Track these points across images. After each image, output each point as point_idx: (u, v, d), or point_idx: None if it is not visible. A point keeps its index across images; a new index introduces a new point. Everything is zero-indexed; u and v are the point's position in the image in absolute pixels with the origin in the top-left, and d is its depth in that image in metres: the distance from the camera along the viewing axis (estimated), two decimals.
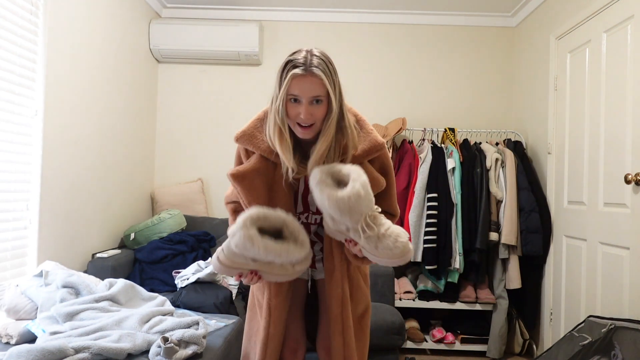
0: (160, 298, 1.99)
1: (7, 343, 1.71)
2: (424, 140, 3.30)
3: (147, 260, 2.71)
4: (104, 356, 1.50)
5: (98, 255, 2.60)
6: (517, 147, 3.15)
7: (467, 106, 3.60)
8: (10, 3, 2.00)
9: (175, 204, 3.38)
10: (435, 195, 2.97)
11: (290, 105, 1.24)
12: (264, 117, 1.35)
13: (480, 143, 3.21)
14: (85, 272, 2.40)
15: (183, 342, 1.62)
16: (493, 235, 2.93)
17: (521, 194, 2.96)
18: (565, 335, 2.10)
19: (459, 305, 3.04)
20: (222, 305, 2.40)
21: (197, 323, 1.74)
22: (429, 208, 2.97)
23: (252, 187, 1.30)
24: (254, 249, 1.13)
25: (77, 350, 1.47)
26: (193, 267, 2.58)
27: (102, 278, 2.13)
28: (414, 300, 3.06)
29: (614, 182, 2.29)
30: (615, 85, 2.31)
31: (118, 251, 2.73)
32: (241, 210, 1.44)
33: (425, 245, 2.94)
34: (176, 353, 1.55)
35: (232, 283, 2.62)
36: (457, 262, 2.93)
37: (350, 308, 1.37)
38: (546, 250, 2.93)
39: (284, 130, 1.25)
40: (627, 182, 2.12)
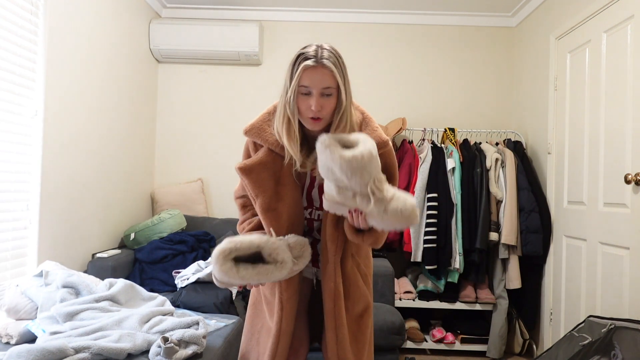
0: (160, 298, 1.99)
1: (7, 343, 1.71)
2: (424, 140, 3.31)
3: (147, 260, 2.71)
4: (104, 356, 1.50)
5: (98, 255, 2.60)
6: (517, 147, 3.15)
7: (467, 106, 3.60)
8: (10, 3, 2.00)
9: (175, 204, 3.38)
10: (435, 195, 2.98)
11: (301, 98, 1.25)
12: (273, 111, 1.36)
13: (480, 143, 3.21)
14: (85, 272, 2.40)
15: (183, 342, 1.62)
16: (493, 235, 2.94)
17: (521, 194, 2.96)
18: (565, 335, 2.10)
19: (459, 305, 3.04)
20: (222, 305, 2.40)
21: (197, 323, 1.74)
22: (429, 208, 2.97)
23: (259, 180, 1.31)
24: (233, 279, 1.18)
25: (77, 350, 1.47)
26: (193, 267, 2.58)
27: (102, 278, 2.13)
28: (414, 300, 3.06)
29: (614, 182, 2.29)
30: (615, 85, 2.31)
31: (118, 251, 2.73)
32: (250, 205, 1.44)
33: (425, 245, 2.94)
34: (176, 353, 1.55)
35: None
36: (457, 262, 2.93)
37: (346, 305, 1.36)
38: (546, 250, 2.93)
39: (293, 122, 1.26)
40: (627, 182, 2.12)
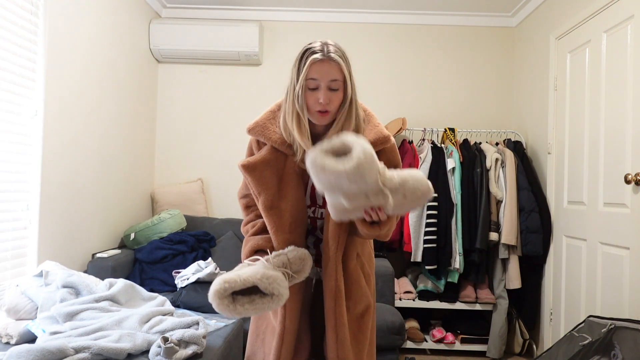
0: (160, 298, 1.99)
1: (7, 343, 1.71)
2: (424, 140, 3.31)
3: (147, 260, 2.71)
4: (104, 356, 1.50)
5: (98, 255, 2.60)
6: (517, 147, 3.15)
7: (467, 106, 3.60)
8: (10, 3, 2.00)
9: (175, 204, 3.38)
10: (435, 195, 2.97)
11: (308, 92, 1.26)
12: (277, 110, 1.37)
13: (480, 143, 3.21)
14: (85, 272, 2.40)
15: (183, 342, 1.62)
16: (493, 235, 2.94)
17: (521, 194, 2.96)
18: (565, 335, 2.10)
19: (459, 305, 3.04)
20: None
21: (197, 323, 1.73)
22: (429, 208, 2.97)
23: (262, 178, 1.31)
24: (232, 314, 1.19)
25: (77, 350, 1.47)
26: (193, 267, 2.58)
27: (102, 278, 2.13)
28: (414, 300, 3.06)
29: (614, 182, 2.29)
30: (615, 85, 2.31)
31: (118, 251, 2.73)
32: (254, 205, 1.44)
33: (425, 245, 2.94)
34: (176, 353, 1.54)
35: None
36: (457, 262, 2.93)
37: (347, 305, 1.35)
38: (546, 250, 2.93)
39: (302, 116, 1.27)
40: (627, 182, 2.12)
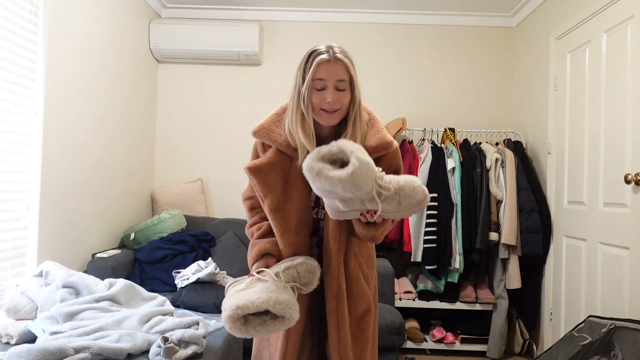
0: (160, 298, 1.99)
1: (7, 343, 1.71)
2: (424, 140, 3.31)
3: (147, 260, 2.71)
4: (104, 356, 1.50)
5: (98, 255, 2.60)
6: (517, 147, 3.15)
7: (467, 106, 3.60)
8: (10, 3, 2.00)
9: (175, 204, 3.38)
10: (435, 195, 2.97)
11: (314, 93, 1.26)
12: (282, 113, 1.37)
13: (480, 143, 3.21)
14: (85, 272, 2.40)
15: (183, 342, 1.62)
16: (493, 235, 2.94)
17: (521, 194, 2.96)
18: (565, 335, 2.10)
19: (459, 305, 3.04)
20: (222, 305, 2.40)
21: (197, 323, 1.74)
22: (429, 208, 2.97)
23: (268, 181, 1.31)
24: (243, 335, 1.20)
25: (77, 350, 1.47)
26: (193, 267, 2.58)
27: (102, 278, 2.13)
28: (414, 300, 3.06)
29: (614, 182, 2.29)
30: (615, 85, 2.31)
31: (118, 251, 2.73)
32: (258, 207, 1.43)
33: (425, 245, 2.94)
34: (176, 353, 1.55)
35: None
36: (457, 262, 2.93)
37: (348, 305, 1.35)
38: (546, 250, 2.93)
39: (307, 117, 1.27)
40: (627, 182, 2.11)
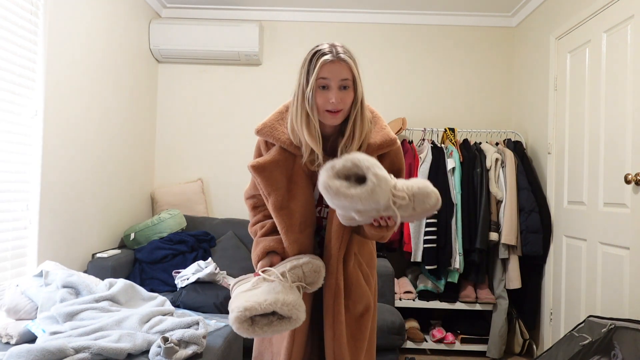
0: (160, 298, 1.99)
1: (7, 343, 1.71)
2: (424, 140, 3.30)
3: (147, 260, 2.71)
4: (104, 356, 1.50)
5: (98, 255, 2.60)
6: (517, 147, 3.15)
7: (467, 106, 3.60)
8: (10, 3, 2.00)
9: (175, 204, 3.38)
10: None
11: (318, 92, 1.26)
12: (285, 111, 1.37)
13: (480, 143, 3.21)
14: (85, 272, 2.40)
15: (183, 342, 1.62)
16: (493, 235, 2.93)
17: (521, 194, 2.96)
18: (565, 335, 2.10)
19: (459, 305, 3.04)
20: (222, 305, 2.40)
21: (197, 323, 1.74)
22: None
23: (272, 179, 1.32)
24: (251, 336, 1.20)
25: (77, 350, 1.47)
26: (193, 267, 2.58)
27: (102, 278, 2.13)
28: (414, 300, 3.06)
29: (614, 182, 2.29)
30: (615, 85, 2.31)
31: (118, 251, 2.73)
32: (261, 206, 1.43)
33: (425, 245, 2.94)
34: (176, 353, 1.55)
35: (232, 283, 2.62)
36: (457, 262, 2.93)
37: (347, 304, 1.36)
38: (546, 250, 2.93)
39: (312, 117, 1.27)
40: (627, 182, 2.11)
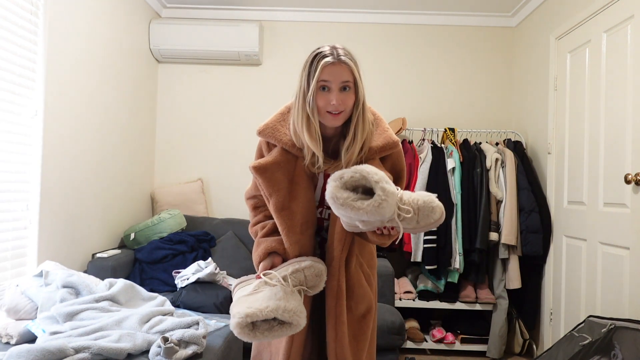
0: (160, 298, 1.99)
1: (7, 343, 1.71)
2: (424, 140, 3.30)
3: (147, 260, 2.71)
4: (104, 356, 1.50)
5: (98, 255, 2.60)
6: (517, 147, 3.15)
7: (467, 106, 3.60)
8: (10, 3, 2.00)
9: (175, 204, 3.38)
10: (435, 195, 2.96)
11: (319, 94, 1.26)
12: (287, 112, 1.37)
13: (480, 143, 3.21)
14: (85, 272, 2.40)
15: (183, 342, 1.62)
16: (493, 235, 2.93)
17: (521, 194, 2.96)
18: (565, 335, 2.10)
19: (459, 305, 3.04)
20: (222, 305, 2.40)
21: (197, 323, 1.74)
22: None
23: (274, 180, 1.32)
24: (252, 340, 1.20)
25: (77, 350, 1.47)
26: (193, 267, 2.58)
27: (102, 278, 2.13)
28: (414, 300, 3.06)
29: (614, 182, 2.29)
30: (615, 85, 2.31)
31: (118, 251, 2.73)
32: (262, 206, 1.44)
33: (425, 245, 2.94)
34: (176, 353, 1.55)
35: (232, 283, 2.62)
36: (457, 262, 2.93)
37: (349, 305, 1.36)
38: (546, 250, 2.93)
39: (313, 119, 1.27)
40: (627, 182, 2.11)
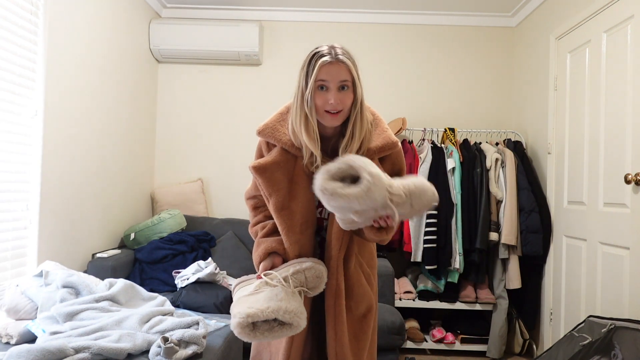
0: (160, 298, 1.99)
1: (7, 343, 1.71)
2: (424, 140, 3.30)
3: (147, 260, 2.71)
4: (104, 356, 1.50)
5: (98, 255, 2.60)
6: (517, 147, 3.15)
7: (467, 106, 3.60)
8: (10, 3, 2.00)
9: (175, 204, 3.38)
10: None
11: (318, 93, 1.27)
12: (286, 112, 1.38)
13: (480, 143, 3.21)
14: (85, 272, 2.40)
15: (183, 342, 1.63)
16: (493, 235, 2.93)
17: (521, 194, 2.96)
18: (565, 335, 2.10)
19: (459, 305, 3.04)
20: (222, 305, 2.40)
21: (197, 323, 1.74)
22: None
23: (273, 180, 1.32)
24: (252, 340, 1.20)
25: (77, 350, 1.47)
26: (193, 267, 2.58)
27: (102, 278, 2.13)
28: (414, 300, 3.06)
29: (614, 182, 2.29)
30: (615, 85, 2.31)
31: (118, 251, 2.73)
32: (262, 206, 1.44)
33: (425, 245, 2.94)
34: (176, 353, 1.55)
35: (232, 283, 2.62)
36: (457, 262, 2.93)
37: (349, 305, 1.36)
38: (546, 250, 2.93)
39: (311, 119, 1.28)
40: (627, 182, 2.11)
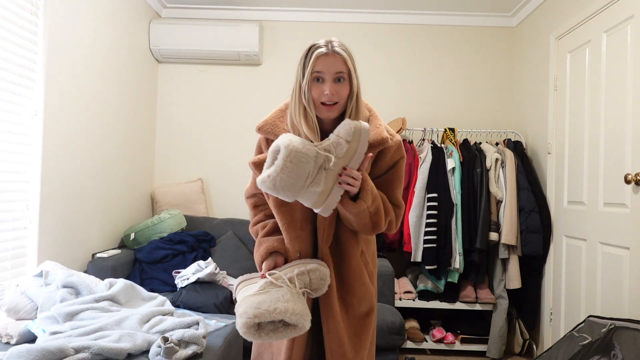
0: (160, 298, 1.99)
1: (7, 343, 1.71)
2: (424, 140, 3.30)
3: (147, 260, 2.71)
4: (104, 356, 1.50)
5: (98, 255, 2.60)
6: (517, 147, 3.15)
7: (467, 106, 3.60)
8: (10, 3, 2.00)
9: (175, 204, 3.38)
10: (435, 195, 2.97)
11: (314, 85, 1.28)
12: (285, 109, 1.39)
13: (480, 143, 3.21)
14: (85, 272, 2.40)
15: (183, 342, 1.62)
16: (493, 235, 2.94)
17: (521, 194, 2.96)
18: (565, 335, 2.10)
19: (459, 305, 3.04)
20: (222, 305, 2.40)
21: (197, 323, 1.74)
22: (429, 208, 2.97)
23: None
24: (256, 340, 1.20)
25: (77, 350, 1.47)
26: (193, 267, 2.58)
27: (102, 278, 2.13)
28: (414, 300, 3.06)
29: (614, 182, 2.29)
30: (615, 86, 2.31)
31: (118, 251, 2.73)
32: (262, 205, 1.45)
33: (425, 245, 2.94)
34: (176, 353, 1.55)
35: (232, 283, 2.62)
36: (457, 262, 2.93)
37: (352, 302, 1.37)
38: (546, 250, 2.93)
39: (309, 110, 1.29)
40: (627, 182, 2.12)
